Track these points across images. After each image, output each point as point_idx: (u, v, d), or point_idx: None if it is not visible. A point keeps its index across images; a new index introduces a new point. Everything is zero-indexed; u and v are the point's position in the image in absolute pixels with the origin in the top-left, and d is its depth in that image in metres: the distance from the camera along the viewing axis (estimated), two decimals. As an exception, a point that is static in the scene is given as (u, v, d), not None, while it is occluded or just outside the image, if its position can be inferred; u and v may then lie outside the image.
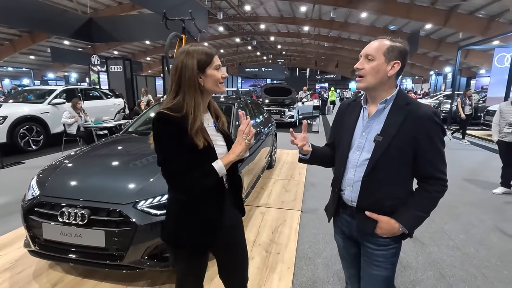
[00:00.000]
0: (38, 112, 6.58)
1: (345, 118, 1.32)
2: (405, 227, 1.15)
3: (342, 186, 1.28)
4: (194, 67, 1.11)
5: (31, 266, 2.27)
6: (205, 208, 1.17)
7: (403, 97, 1.18)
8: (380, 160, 1.15)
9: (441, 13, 14.86)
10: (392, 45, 1.13)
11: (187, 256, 1.24)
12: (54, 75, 26.40)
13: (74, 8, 15.88)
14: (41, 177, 2.26)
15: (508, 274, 2.27)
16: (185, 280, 1.29)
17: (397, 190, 1.18)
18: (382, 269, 1.22)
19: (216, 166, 1.12)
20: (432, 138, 1.12)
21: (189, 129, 1.08)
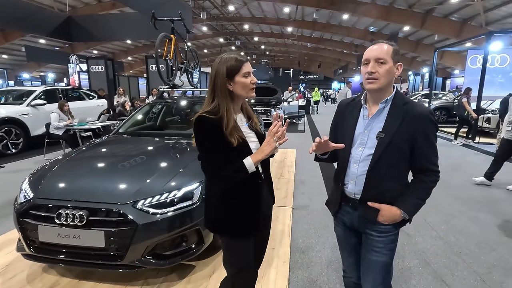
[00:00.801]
0: (17, 114, 6.33)
1: (345, 117, 1.40)
2: (406, 212, 1.26)
3: (345, 181, 1.36)
4: (224, 75, 1.23)
5: (24, 271, 2.22)
6: (247, 197, 1.31)
7: (400, 98, 1.27)
8: (382, 156, 1.24)
9: (418, 16, 15.51)
10: (394, 48, 1.23)
11: (237, 244, 1.34)
12: (30, 75, 25.28)
13: (51, 6, 15.29)
14: (33, 179, 2.22)
15: (485, 259, 2.45)
16: (239, 268, 1.37)
17: (396, 183, 1.29)
18: (381, 254, 1.31)
19: (246, 163, 1.22)
20: (428, 135, 1.23)
21: (224, 129, 1.21)
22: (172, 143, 2.95)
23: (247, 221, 1.32)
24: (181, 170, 2.24)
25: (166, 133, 3.37)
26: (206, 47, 31.96)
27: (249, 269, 1.40)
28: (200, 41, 29.01)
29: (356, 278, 1.48)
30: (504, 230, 2.97)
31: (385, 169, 1.25)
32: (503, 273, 2.27)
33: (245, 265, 1.37)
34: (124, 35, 12.56)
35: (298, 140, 8.16)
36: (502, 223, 3.13)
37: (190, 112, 3.97)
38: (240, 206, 1.31)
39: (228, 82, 1.25)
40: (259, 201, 1.34)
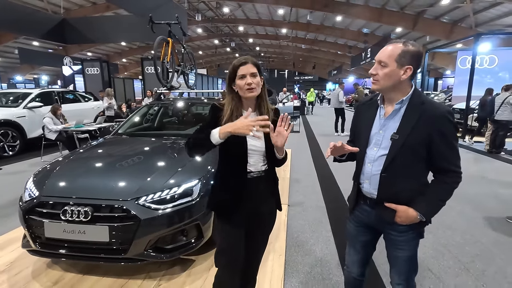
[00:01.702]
0: (13, 117, 6.34)
1: (363, 116, 1.42)
2: (422, 214, 1.24)
3: (361, 180, 1.38)
4: (227, 79, 1.41)
5: (28, 267, 2.29)
6: (228, 186, 1.44)
7: (418, 97, 1.25)
8: (396, 157, 1.24)
9: (409, 17, 15.80)
10: (404, 50, 1.18)
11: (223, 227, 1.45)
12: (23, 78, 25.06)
13: (44, 8, 15.25)
14: (37, 178, 2.29)
15: (470, 249, 2.60)
16: (222, 251, 1.45)
17: (413, 183, 1.28)
18: (405, 250, 1.34)
19: (213, 130, 1.30)
20: (445, 135, 1.20)
21: (222, 120, 1.37)
22: (170, 143, 3.04)
23: (223, 205, 1.45)
24: (179, 169, 2.33)
25: (164, 134, 3.46)
26: (201, 48, 32.00)
27: (231, 251, 1.44)
28: (195, 43, 29.05)
29: (357, 274, 1.54)
30: (489, 223, 3.12)
31: (400, 170, 1.26)
32: (486, 262, 2.42)
33: (226, 247, 1.44)
34: (119, 37, 12.57)
35: (294, 140, 8.29)
36: (487, 217, 3.28)
37: (187, 113, 4.07)
38: (222, 191, 1.46)
39: (232, 84, 1.40)
40: (240, 195, 1.41)
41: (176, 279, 2.17)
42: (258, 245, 1.60)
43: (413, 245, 1.35)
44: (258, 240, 1.58)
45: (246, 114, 1.27)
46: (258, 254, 1.63)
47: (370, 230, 1.46)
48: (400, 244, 1.34)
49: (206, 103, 4.14)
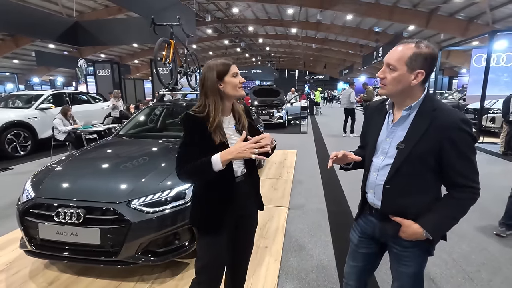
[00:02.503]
0: (25, 118, 6.54)
1: (371, 121, 1.33)
2: (428, 232, 1.13)
3: (366, 189, 1.31)
4: (214, 77, 1.32)
5: (26, 267, 2.33)
6: (216, 195, 1.36)
7: (430, 102, 1.13)
8: (402, 167, 1.15)
9: (422, 15, 15.40)
10: (415, 52, 1.07)
11: (207, 240, 1.39)
12: (39, 80, 25.90)
13: (59, 11, 15.69)
14: (35, 180, 2.33)
15: (475, 258, 2.48)
16: (205, 268, 1.40)
17: (422, 197, 1.17)
18: (409, 266, 1.24)
19: (213, 159, 1.24)
20: (458, 146, 1.07)
21: (209, 127, 1.29)
22: (171, 144, 3.04)
23: (212, 218, 1.37)
24: (173, 172, 2.32)
25: (164, 135, 3.47)
26: (211, 49, 32.21)
27: (213, 268, 1.42)
28: (205, 44, 29.27)
29: (353, 286, 1.45)
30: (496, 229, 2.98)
31: (406, 182, 1.16)
32: (492, 271, 2.29)
33: (209, 262, 1.39)
34: (130, 39, 12.78)
35: (300, 141, 8.20)
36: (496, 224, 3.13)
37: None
38: (208, 203, 1.37)
39: (219, 83, 1.33)
40: (229, 201, 1.37)
41: (168, 282, 2.16)
42: (245, 247, 1.60)
43: (419, 262, 1.25)
44: (245, 242, 1.58)
45: (242, 137, 1.26)
46: (246, 254, 1.63)
47: (374, 243, 1.36)
48: (404, 260, 1.25)
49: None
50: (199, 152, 1.28)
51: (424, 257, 1.27)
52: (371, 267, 1.45)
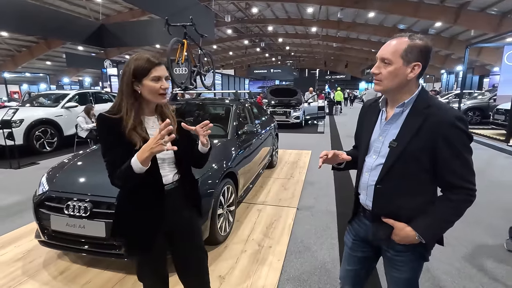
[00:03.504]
0: (52, 115, 6.92)
1: (365, 120, 1.29)
2: (421, 236, 1.08)
3: (359, 190, 1.27)
4: (130, 75, 1.16)
5: (41, 257, 2.47)
6: (142, 205, 1.25)
7: (424, 99, 1.09)
8: (394, 167, 1.11)
9: (450, 10, 14.65)
10: (410, 44, 1.04)
11: (136, 250, 1.34)
12: (69, 80, 27.36)
13: (87, 14, 16.50)
14: (50, 174, 2.46)
15: (493, 268, 2.31)
16: (143, 271, 1.40)
17: (416, 199, 1.12)
18: (402, 272, 1.20)
19: (132, 161, 1.11)
20: (453, 144, 1.03)
21: (123, 130, 1.15)
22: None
23: (138, 235, 1.27)
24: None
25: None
26: (231, 49, 32.50)
27: (150, 279, 1.40)
28: (225, 44, 29.59)
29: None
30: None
31: (399, 183, 1.12)
32: (510, 284, 2.14)
33: (148, 273, 1.38)
34: (152, 40, 13.15)
35: (316, 141, 8.08)
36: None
37: (202, 113, 4.13)
38: (133, 216, 1.25)
39: (136, 84, 1.17)
40: (158, 213, 1.27)
41: (171, 277, 2.19)
42: (190, 259, 1.46)
43: (413, 267, 1.20)
44: (189, 252, 1.44)
45: (156, 132, 1.10)
46: (195, 265, 1.48)
47: (369, 246, 1.31)
48: (398, 265, 1.20)
49: (220, 103, 4.17)
50: (124, 156, 1.14)
51: (419, 262, 1.21)
52: (366, 271, 1.40)
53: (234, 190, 2.91)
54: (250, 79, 29.56)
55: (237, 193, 3.01)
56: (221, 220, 2.61)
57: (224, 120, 3.54)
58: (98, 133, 1.21)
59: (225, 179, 2.69)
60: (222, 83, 15.82)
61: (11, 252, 2.55)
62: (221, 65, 36.05)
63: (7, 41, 20.18)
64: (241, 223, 3.08)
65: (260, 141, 4.06)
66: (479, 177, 4.69)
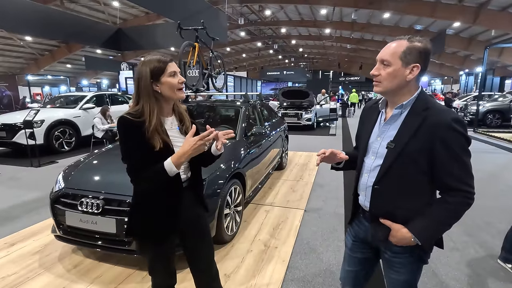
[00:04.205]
0: (71, 116, 7.20)
1: (365, 121, 1.31)
2: (417, 237, 1.09)
3: (358, 191, 1.28)
4: (147, 77, 1.20)
5: (57, 251, 2.59)
6: (160, 204, 1.30)
7: (423, 101, 1.10)
8: (391, 168, 1.12)
9: (469, 10, 14.21)
10: (409, 46, 1.06)
11: (151, 247, 1.37)
12: (88, 82, 28.28)
13: (105, 19, 17.06)
14: (66, 172, 2.59)
15: (506, 275, 2.25)
16: (155, 267, 1.43)
17: (414, 201, 1.13)
18: (400, 274, 1.20)
19: (166, 164, 1.18)
20: (451, 147, 1.03)
21: (146, 132, 1.19)
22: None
23: (155, 229, 1.31)
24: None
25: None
26: (245, 51, 32.70)
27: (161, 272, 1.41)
28: (238, 46, 29.81)
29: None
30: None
31: (397, 184, 1.13)
32: (523, 291, 2.07)
33: (159, 269, 1.40)
34: (167, 43, 13.43)
35: (328, 143, 8.03)
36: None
37: (213, 114, 4.21)
38: (151, 212, 1.30)
39: (155, 84, 1.22)
40: (176, 208, 1.32)
41: (179, 275, 2.24)
42: (200, 253, 1.50)
43: (411, 270, 1.20)
44: (199, 246, 1.50)
45: (192, 132, 1.18)
46: (205, 258, 1.53)
47: (368, 247, 1.32)
48: (396, 266, 1.21)
49: (230, 105, 4.23)
50: (146, 158, 1.20)
51: (418, 265, 1.21)
52: (366, 272, 1.41)
53: (242, 190, 2.95)
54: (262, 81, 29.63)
55: (244, 193, 3.06)
56: (227, 220, 2.66)
57: (233, 122, 3.60)
58: (120, 135, 1.22)
59: (233, 180, 2.74)
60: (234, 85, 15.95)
61: (30, 246, 2.69)
62: (234, 67, 36.33)
63: (31, 45, 21.12)
64: (248, 223, 3.11)
65: (269, 142, 4.09)
66: (495, 181, 4.57)
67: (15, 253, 2.57)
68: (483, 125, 10.76)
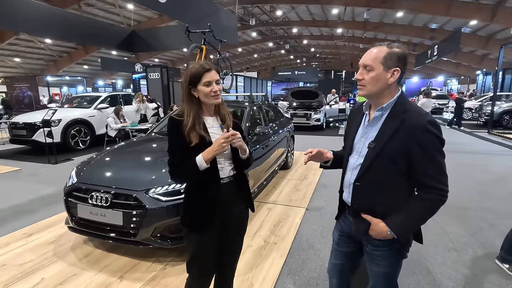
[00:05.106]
0: (86, 116, 7.51)
1: (352, 122, 1.39)
2: (393, 231, 1.16)
3: (343, 188, 1.37)
4: (187, 84, 1.38)
5: (70, 241, 2.78)
6: (201, 195, 1.42)
7: (402, 104, 1.18)
8: (371, 167, 1.20)
9: (486, 8, 13.80)
10: (389, 52, 1.14)
11: (194, 238, 1.45)
12: (104, 83, 29.13)
13: (121, 21, 17.56)
14: (79, 168, 2.77)
15: (502, 275, 2.25)
16: (193, 260, 1.48)
17: (392, 198, 1.20)
18: (380, 266, 1.28)
19: (197, 159, 1.34)
20: (426, 148, 1.11)
21: (183, 130, 1.36)
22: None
23: (198, 219, 1.42)
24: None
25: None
26: (256, 52, 32.80)
27: (201, 262, 1.46)
28: (250, 46, 29.94)
29: (335, 285, 1.51)
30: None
31: (376, 181, 1.21)
32: (517, 292, 2.08)
33: (199, 259, 1.45)
34: (180, 44, 13.72)
35: (336, 144, 8.01)
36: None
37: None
38: (195, 204, 1.43)
39: (193, 90, 1.38)
40: (214, 202, 1.41)
41: (180, 265, 2.39)
42: (232, 249, 1.60)
43: (390, 263, 1.28)
44: (232, 243, 1.59)
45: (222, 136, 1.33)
46: (233, 257, 1.63)
47: (353, 242, 1.41)
48: (376, 259, 1.29)
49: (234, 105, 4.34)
50: (186, 153, 1.35)
51: (397, 258, 1.28)
52: (352, 265, 1.49)
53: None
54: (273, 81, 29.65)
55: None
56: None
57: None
58: (167, 132, 1.42)
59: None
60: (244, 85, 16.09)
61: (46, 236, 2.89)
62: (246, 68, 36.51)
63: (50, 48, 21.96)
64: (250, 220, 3.21)
65: (274, 142, 4.18)
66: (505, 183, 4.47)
67: (32, 242, 2.77)
68: (499, 126, 10.46)
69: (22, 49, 20.94)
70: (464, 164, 5.45)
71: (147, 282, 2.18)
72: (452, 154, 6.46)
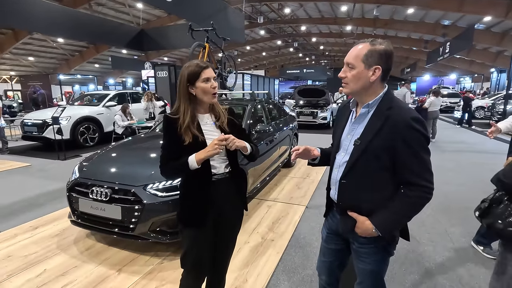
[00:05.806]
0: (95, 113, 7.68)
1: (339, 119, 1.39)
2: (377, 228, 1.16)
3: (330, 185, 1.37)
4: (185, 81, 1.37)
5: (73, 235, 2.86)
6: (193, 193, 1.44)
7: (387, 101, 1.17)
8: (357, 164, 1.19)
9: (500, 3, 13.40)
10: (371, 49, 1.12)
11: (189, 233, 1.47)
12: (114, 81, 29.63)
13: (130, 20, 17.81)
14: (81, 164, 2.84)
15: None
16: (187, 254, 1.48)
17: (378, 195, 1.20)
18: (367, 264, 1.28)
19: (189, 159, 1.35)
20: (410, 144, 1.10)
21: (178, 128, 1.37)
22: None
23: (191, 215, 1.43)
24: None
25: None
26: (265, 50, 32.72)
27: (197, 261, 1.47)
28: (258, 45, 29.89)
29: (325, 281, 1.51)
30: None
31: (361, 178, 1.21)
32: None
33: (192, 253, 1.46)
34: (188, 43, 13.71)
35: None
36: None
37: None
38: (188, 200, 1.44)
39: (191, 87, 1.38)
40: (206, 199, 1.43)
41: (177, 260, 2.36)
42: (226, 245, 1.61)
43: (376, 260, 1.28)
44: (225, 241, 1.60)
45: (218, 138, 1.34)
46: (226, 254, 1.64)
47: (340, 239, 1.41)
48: (362, 256, 1.30)
49: (236, 102, 4.36)
50: (178, 150, 1.37)
51: (383, 255, 1.28)
52: (340, 263, 1.49)
53: (243, 185, 3.08)
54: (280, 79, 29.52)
55: (246, 189, 3.18)
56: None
57: (239, 119, 3.73)
58: (162, 129, 1.44)
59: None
60: (251, 83, 16.10)
61: (50, 230, 2.98)
62: (254, 66, 36.48)
63: (62, 47, 22.46)
64: (249, 217, 3.24)
65: (276, 140, 4.18)
66: None
67: (37, 235, 2.87)
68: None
69: (36, 48, 21.48)
70: (471, 163, 5.35)
71: (145, 275, 2.23)
72: (459, 154, 6.33)
